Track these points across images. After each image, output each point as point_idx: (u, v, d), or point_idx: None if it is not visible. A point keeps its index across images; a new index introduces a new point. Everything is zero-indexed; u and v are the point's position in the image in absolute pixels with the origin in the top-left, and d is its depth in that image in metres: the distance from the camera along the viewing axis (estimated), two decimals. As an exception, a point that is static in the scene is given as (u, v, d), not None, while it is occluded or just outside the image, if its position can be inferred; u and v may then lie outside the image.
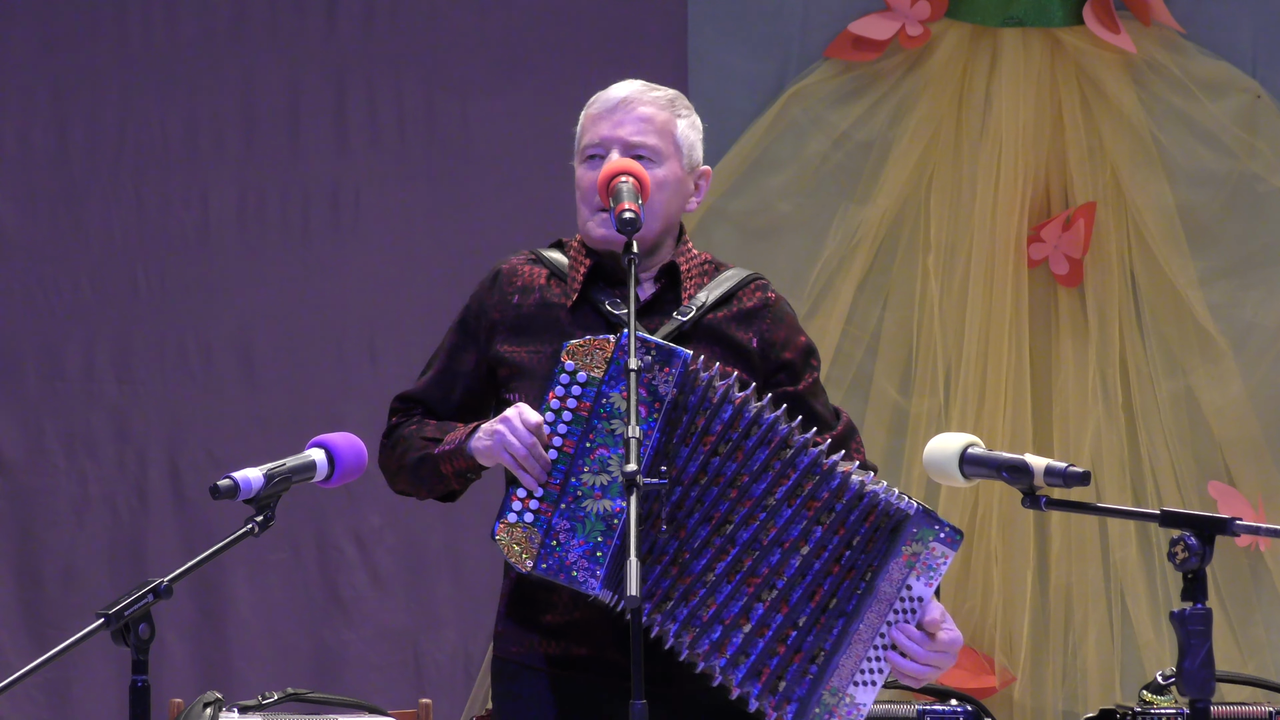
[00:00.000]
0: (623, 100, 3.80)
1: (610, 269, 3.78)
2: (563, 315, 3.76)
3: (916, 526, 3.54)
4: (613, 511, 3.52)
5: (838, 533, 3.54)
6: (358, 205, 6.25)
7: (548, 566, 3.52)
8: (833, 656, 3.55)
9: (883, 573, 3.55)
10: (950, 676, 6.05)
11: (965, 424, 6.09)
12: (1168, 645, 6.05)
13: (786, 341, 3.81)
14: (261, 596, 6.16)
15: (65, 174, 6.19)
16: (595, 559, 3.51)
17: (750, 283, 3.84)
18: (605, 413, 3.55)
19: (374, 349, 6.19)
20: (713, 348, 3.73)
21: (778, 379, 3.77)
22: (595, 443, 3.55)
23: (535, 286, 3.80)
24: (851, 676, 3.56)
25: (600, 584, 3.51)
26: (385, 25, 6.25)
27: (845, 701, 3.56)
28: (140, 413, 6.17)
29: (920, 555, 3.56)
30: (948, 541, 3.56)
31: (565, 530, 3.53)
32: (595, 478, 3.54)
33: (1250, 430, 6.22)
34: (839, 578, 3.55)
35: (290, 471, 3.47)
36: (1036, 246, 6.22)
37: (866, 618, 3.55)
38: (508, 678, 3.77)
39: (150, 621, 3.25)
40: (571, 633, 3.69)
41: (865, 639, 3.55)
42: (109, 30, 6.21)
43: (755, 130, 6.22)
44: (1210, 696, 3.20)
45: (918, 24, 6.22)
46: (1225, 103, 6.28)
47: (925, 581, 3.56)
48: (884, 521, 3.55)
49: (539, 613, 3.72)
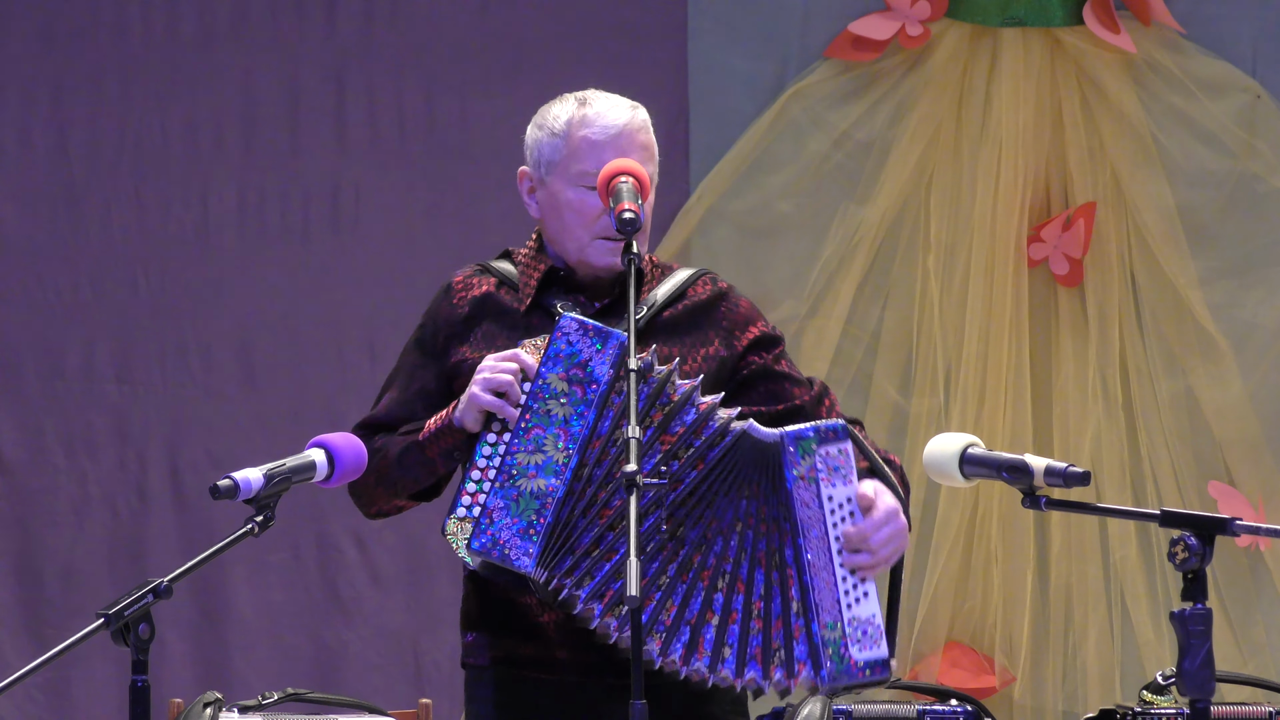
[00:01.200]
0: (624, 128, 3.78)
1: (564, 277, 3.78)
2: (516, 321, 3.77)
3: (792, 445, 3.54)
4: (546, 490, 3.52)
5: (748, 495, 3.55)
6: (358, 205, 6.25)
7: (480, 544, 3.53)
8: (807, 600, 3.53)
9: (794, 502, 3.54)
10: (950, 676, 6.06)
11: (965, 424, 6.08)
12: (1168, 645, 6.05)
13: (748, 322, 3.81)
14: (261, 596, 6.16)
15: (65, 174, 6.19)
16: (529, 537, 3.52)
17: (699, 278, 3.84)
18: (542, 393, 3.56)
19: (374, 349, 6.18)
20: (672, 343, 3.74)
21: (748, 360, 3.78)
22: (530, 423, 3.56)
23: (485, 296, 3.80)
24: (838, 603, 3.54)
25: (534, 561, 3.51)
26: (385, 25, 6.25)
27: (848, 625, 3.53)
28: (140, 413, 6.17)
29: (817, 467, 3.55)
30: (831, 438, 3.56)
31: (499, 509, 3.54)
32: (530, 457, 3.55)
33: (1250, 430, 6.22)
34: (769, 533, 3.55)
35: (290, 471, 3.47)
36: (1036, 246, 6.22)
37: (811, 548, 3.54)
38: (482, 685, 3.78)
39: (150, 621, 3.25)
40: (541, 634, 3.69)
41: (823, 565, 3.53)
42: (109, 30, 6.21)
43: (755, 130, 6.22)
44: (1210, 696, 3.20)
45: (918, 24, 6.21)
46: (1225, 103, 6.28)
47: (842, 482, 3.55)
48: (765, 459, 3.55)
49: (508, 617, 3.72)
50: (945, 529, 6.13)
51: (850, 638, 3.52)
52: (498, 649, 3.76)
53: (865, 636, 3.54)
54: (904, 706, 5.52)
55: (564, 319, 3.58)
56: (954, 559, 6.13)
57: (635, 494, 3.31)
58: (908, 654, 6.12)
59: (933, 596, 6.11)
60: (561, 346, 3.57)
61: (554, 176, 3.81)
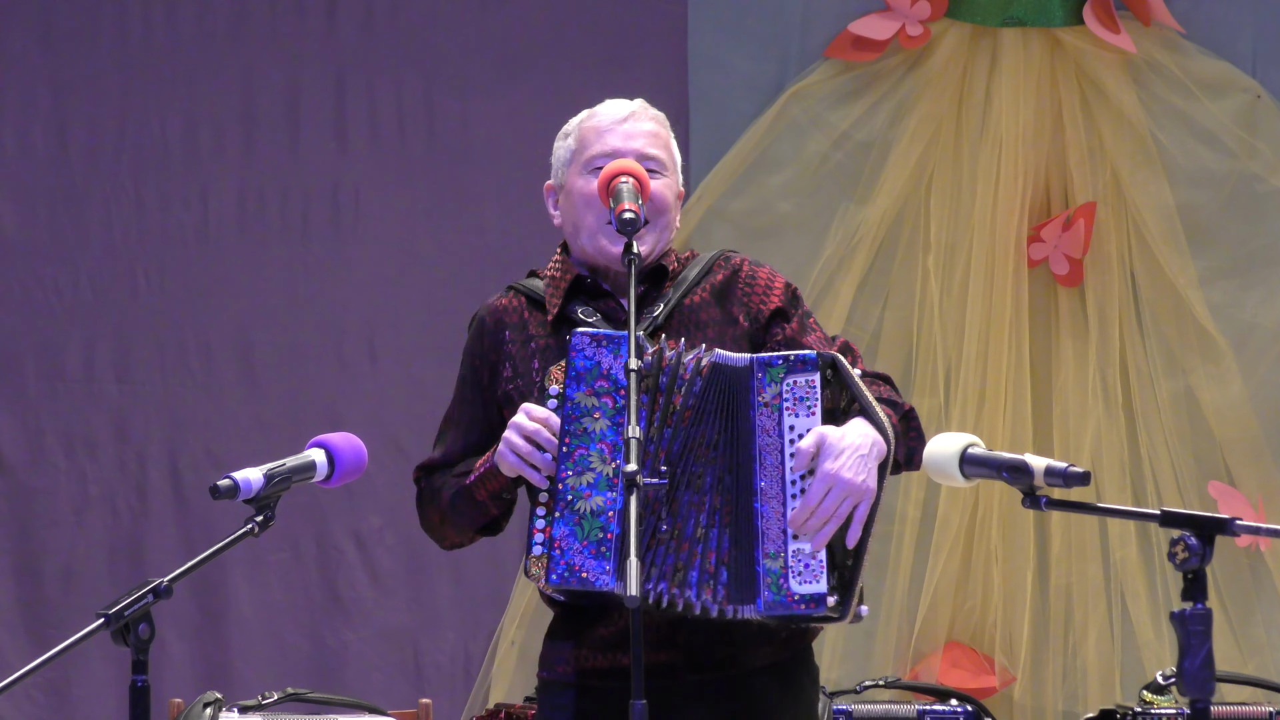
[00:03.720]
0: (631, 113, 3.82)
1: (591, 285, 3.79)
2: (546, 340, 3.78)
3: (760, 371, 3.56)
4: (605, 505, 3.54)
5: (721, 422, 3.58)
6: (358, 205, 6.25)
7: (558, 576, 3.54)
8: (752, 526, 3.53)
9: (754, 430, 3.56)
10: (950, 676, 6.06)
11: (965, 424, 6.09)
12: (1168, 645, 6.05)
13: (767, 290, 3.82)
14: (261, 596, 6.16)
15: (65, 174, 6.20)
16: (601, 555, 3.53)
17: (716, 261, 3.85)
18: (575, 414, 3.58)
19: (374, 349, 6.19)
20: (697, 330, 3.74)
21: (773, 331, 3.78)
22: (572, 445, 3.58)
23: (518, 321, 3.81)
24: (786, 534, 3.53)
25: (613, 578, 3.53)
26: (385, 25, 6.26)
27: (791, 556, 3.53)
28: (140, 413, 6.17)
29: (782, 394, 3.55)
30: (800, 368, 3.57)
31: (566, 536, 3.54)
32: (580, 478, 3.57)
33: (1250, 430, 6.22)
34: (736, 457, 3.57)
35: (290, 471, 3.47)
36: (1036, 246, 6.23)
37: (764, 476, 3.55)
38: (553, 695, 3.77)
39: (150, 621, 3.25)
40: (619, 643, 3.69)
41: (775, 495, 3.54)
42: (109, 30, 6.21)
43: (755, 130, 6.22)
44: (1210, 696, 3.19)
45: (918, 24, 6.22)
46: (1225, 103, 6.28)
47: (805, 414, 3.55)
48: (733, 383, 3.58)
49: (584, 628, 3.73)
50: (945, 529, 6.13)
51: (791, 570, 3.53)
52: (569, 661, 3.75)
53: (806, 570, 3.54)
54: (904, 706, 5.52)
55: (574, 337, 3.61)
56: (954, 559, 6.13)
57: (635, 494, 3.32)
58: (908, 654, 6.13)
59: (933, 596, 6.12)
60: (580, 363, 3.59)
61: (568, 175, 3.83)
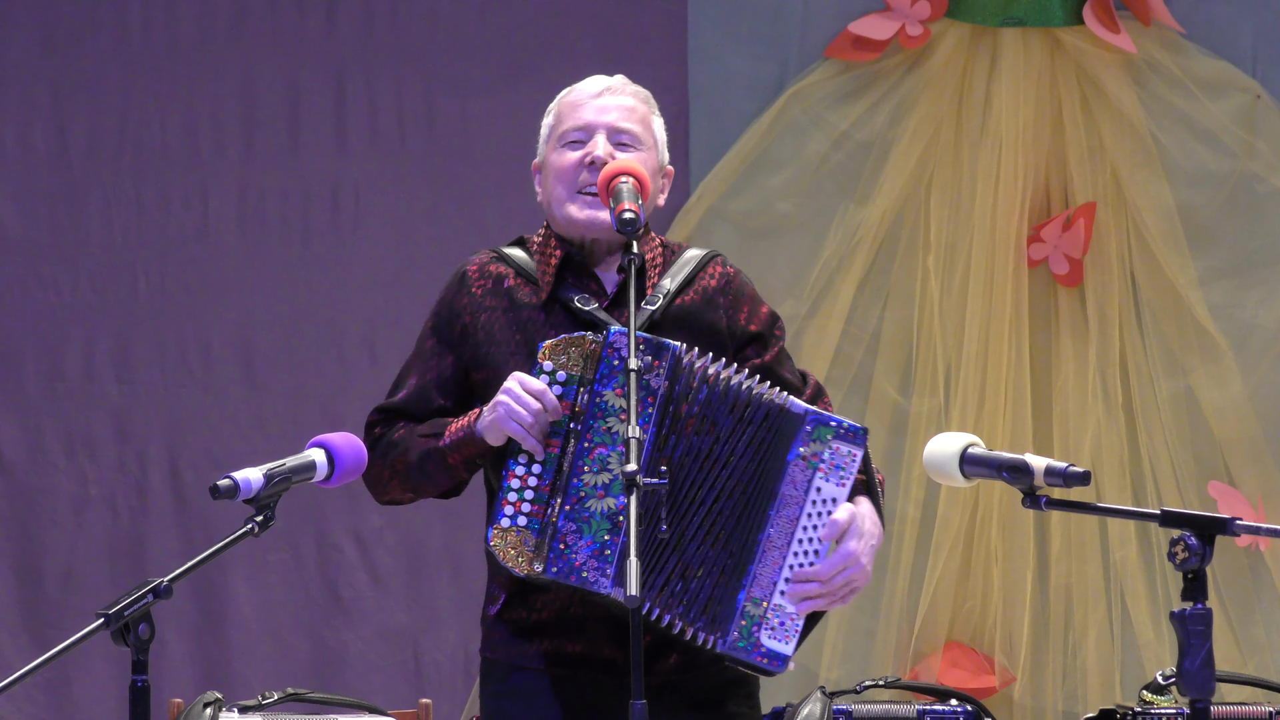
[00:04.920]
0: (606, 88, 3.85)
1: (578, 261, 3.79)
2: (534, 315, 3.76)
3: (811, 425, 3.56)
4: (617, 509, 3.53)
5: (754, 453, 3.58)
6: (358, 205, 6.25)
7: (558, 570, 3.53)
8: (746, 565, 3.54)
9: (783, 476, 3.55)
10: (950, 676, 6.06)
11: (965, 424, 6.09)
12: (1168, 645, 6.05)
13: (751, 314, 3.83)
14: (261, 596, 6.16)
15: (65, 174, 6.19)
16: (604, 558, 3.52)
17: (708, 262, 3.85)
18: (600, 411, 3.55)
19: (374, 349, 6.19)
20: (685, 333, 3.73)
21: (746, 354, 3.79)
22: (594, 442, 3.55)
23: (504, 287, 3.81)
24: (775, 586, 3.54)
25: (611, 582, 3.52)
26: (385, 25, 6.25)
27: (774, 609, 3.54)
28: (140, 413, 6.17)
29: (822, 455, 3.56)
30: (849, 438, 3.57)
31: (572, 532, 3.53)
32: (596, 477, 3.55)
33: (1250, 430, 6.22)
34: (752, 491, 3.57)
35: (290, 471, 3.47)
36: (1036, 246, 6.23)
37: (776, 523, 3.55)
38: (497, 679, 3.77)
39: (150, 621, 3.25)
40: (565, 629, 3.69)
41: (779, 545, 3.55)
42: (109, 30, 6.21)
43: (755, 130, 6.22)
44: (1210, 696, 3.20)
45: (918, 24, 6.22)
46: (1225, 103, 6.28)
47: (836, 482, 3.56)
48: (778, 423, 3.57)
49: (530, 611, 3.72)
50: (945, 529, 6.13)
51: (767, 622, 3.54)
52: (517, 643, 3.75)
53: (781, 627, 3.55)
54: (904, 706, 5.52)
55: (612, 333, 3.58)
56: (954, 559, 6.13)
57: (635, 494, 3.32)
58: (908, 654, 6.13)
59: (933, 596, 6.12)
60: (615, 362, 3.56)
61: (547, 150, 3.85)
